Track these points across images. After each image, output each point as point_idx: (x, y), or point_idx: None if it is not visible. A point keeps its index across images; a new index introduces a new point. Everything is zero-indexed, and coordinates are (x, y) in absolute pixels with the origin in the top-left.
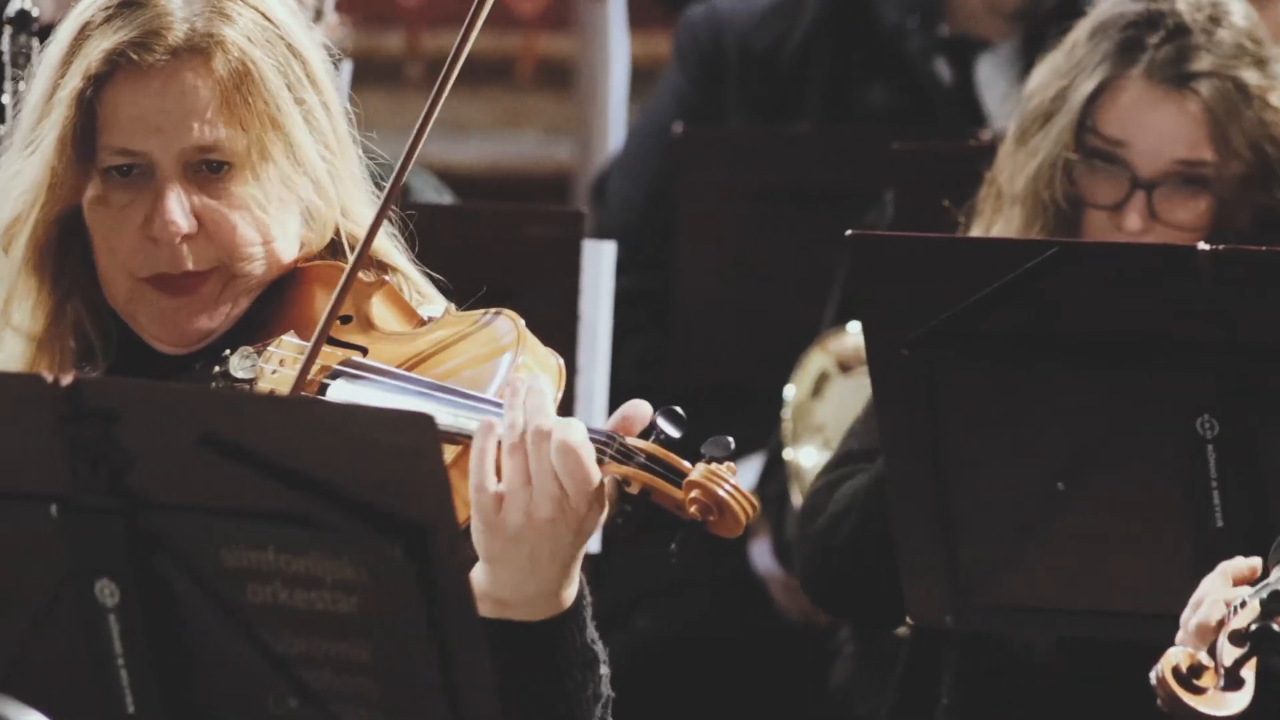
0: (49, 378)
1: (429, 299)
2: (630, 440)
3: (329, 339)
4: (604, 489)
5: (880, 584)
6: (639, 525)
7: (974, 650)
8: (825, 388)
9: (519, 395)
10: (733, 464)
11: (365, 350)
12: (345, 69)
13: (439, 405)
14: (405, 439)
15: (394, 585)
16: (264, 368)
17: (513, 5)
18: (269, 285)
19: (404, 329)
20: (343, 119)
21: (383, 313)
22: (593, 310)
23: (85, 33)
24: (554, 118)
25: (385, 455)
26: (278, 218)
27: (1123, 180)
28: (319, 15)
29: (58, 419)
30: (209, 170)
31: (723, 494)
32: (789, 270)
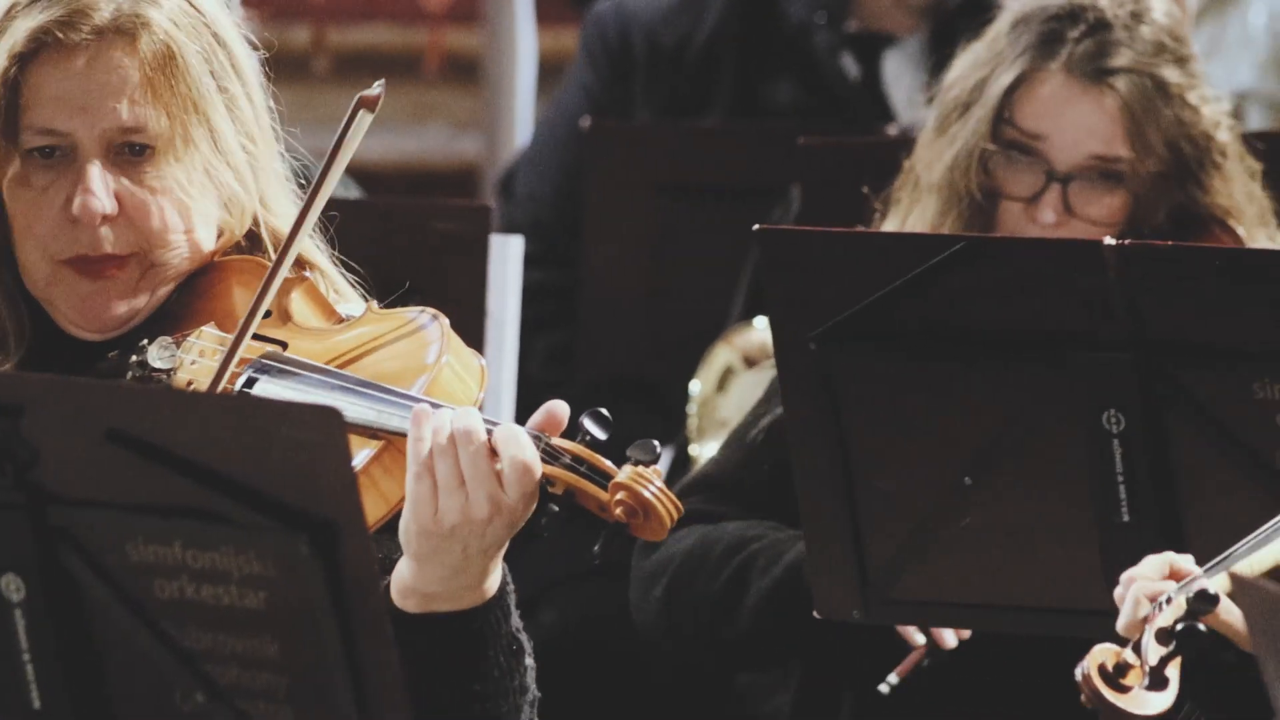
0: None
1: (345, 297)
2: (557, 441)
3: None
4: (537, 486)
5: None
6: (561, 525)
7: (878, 644)
8: (730, 383)
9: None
10: (658, 468)
11: (285, 345)
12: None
13: (364, 401)
14: (311, 433)
15: (301, 580)
16: (183, 358)
17: (421, 0)
18: (189, 276)
19: (323, 325)
20: (266, 113)
21: (302, 309)
22: (500, 305)
23: (12, 13)
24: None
25: (292, 449)
26: (199, 204)
27: (1038, 173)
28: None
29: None
30: (131, 153)
31: (648, 496)
32: (696, 265)
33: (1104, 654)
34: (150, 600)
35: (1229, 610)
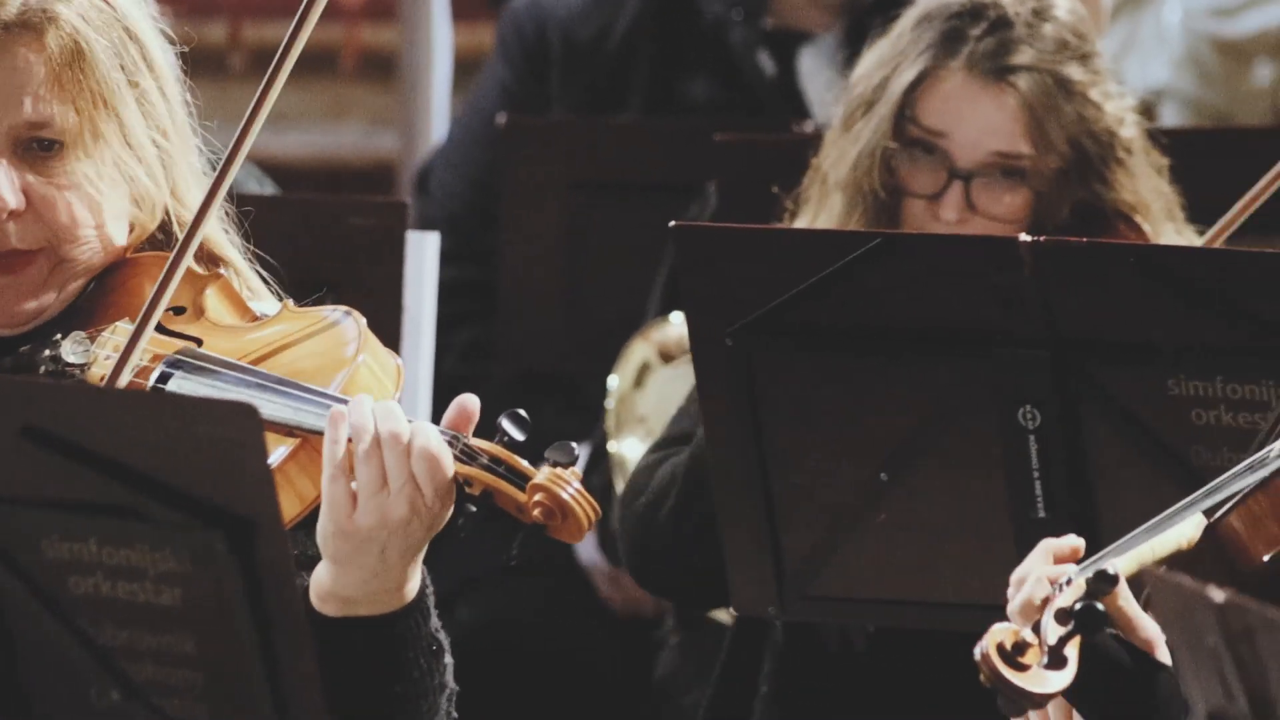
0: None
1: (260, 295)
2: (474, 441)
3: (162, 329)
4: (454, 486)
5: (703, 563)
6: (478, 526)
7: (794, 640)
8: (648, 378)
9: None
10: (576, 469)
11: (200, 342)
12: None
13: (280, 399)
14: (228, 430)
15: (217, 577)
16: (97, 353)
17: None
18: (102, 271)
19: (238, 323)
20: (181, 107)
21: (216, 306)
22: (416, 302)
23: None
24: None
25: (208, 446)
26: (109, 200)
27: (941, 170)
28: None
29: None
30: (40, 148)
31: (566, 498)
32: (613, 261)
33: (1003, 633)
34: (65, 597)
35: (1126, 598)
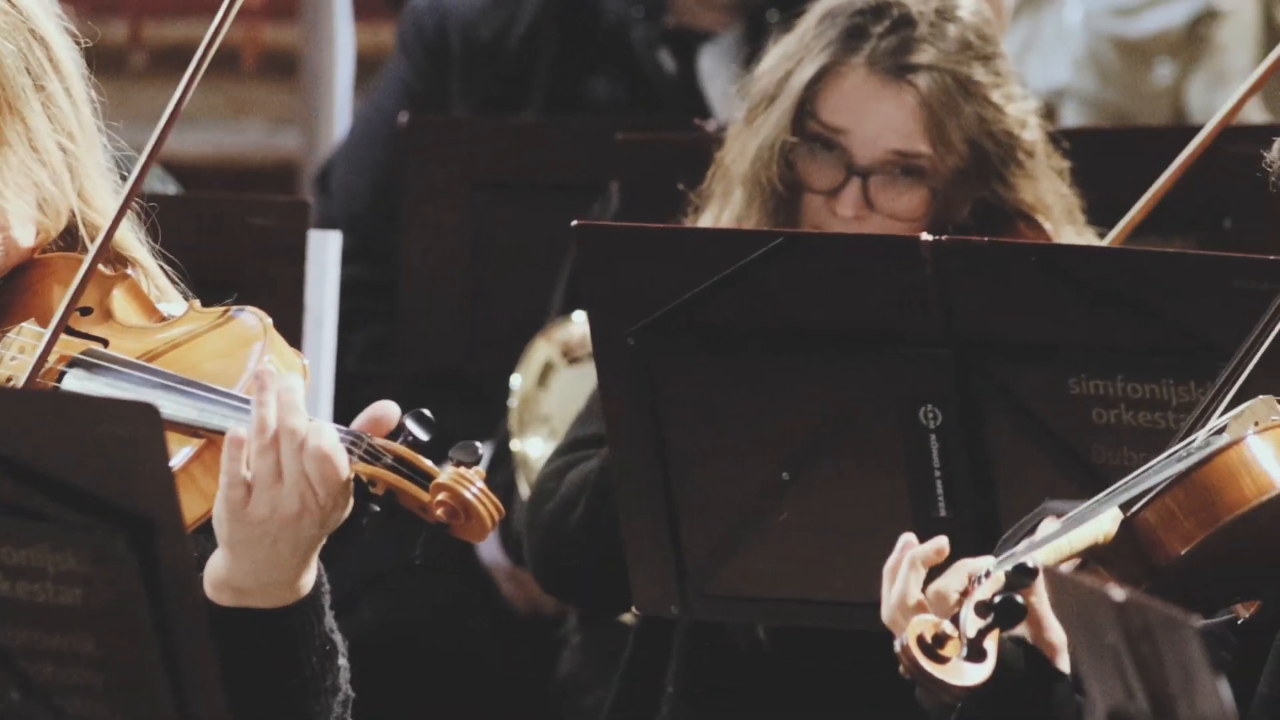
0: None
1: (167, 294)
2: (378, 441)
3: (69, 330)
4: (350, 485)
5: (609, 569)
6: (381, 525)
7: (700, 638)
8: (551, 378)
9: (269, 392)
10: (480, 469)
11: (106, 342)
12: None
13: (185, 399)
14: (128, 429)
15: (117, 577)
16: (3, 354)
17: None
18: (7, 274)
19: (145, 323)
20: (87, 107)
21: (123, 306)
22: (318, 301)
23: None
24: (279, 108)
25: (109, 446)
26: (15, 205)
27: (839, 167)
28: None
29: None
30: None
31: (469, 497)
32: (515, 260)
33: (923, 625)
34: None
35: (1040, 596)
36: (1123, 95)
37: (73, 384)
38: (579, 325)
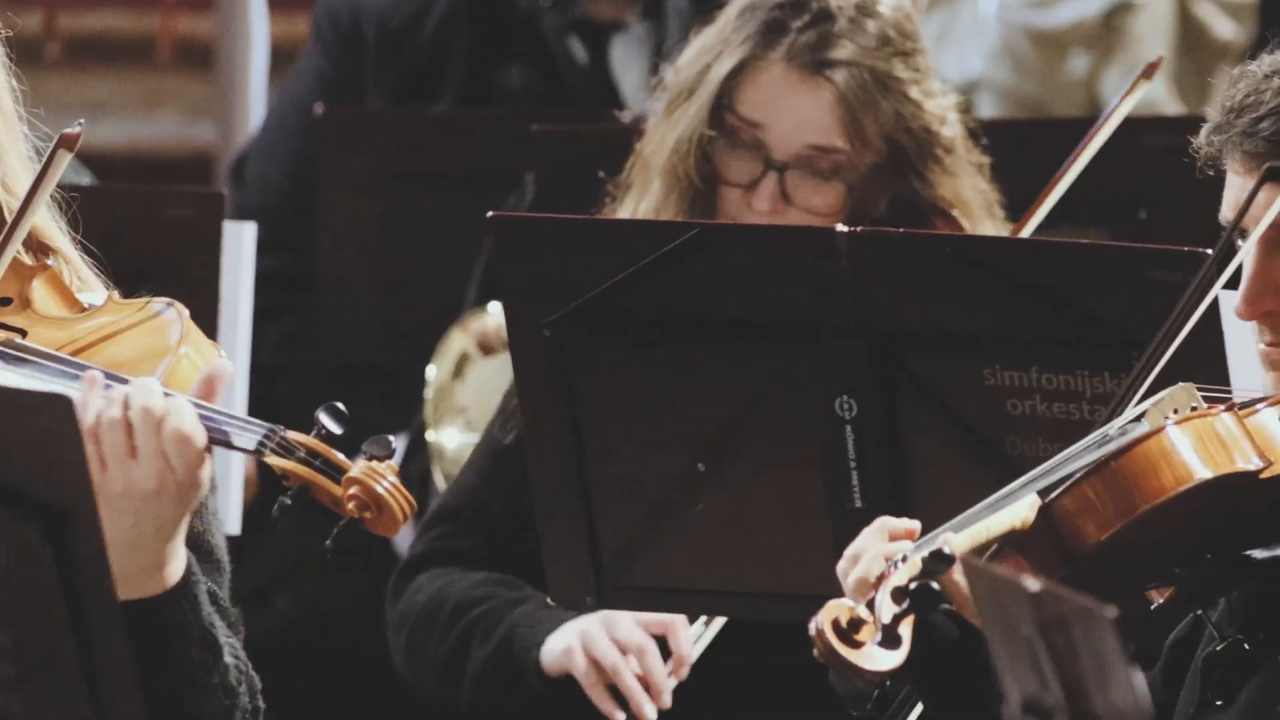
0: None
1: (89, 285)
2: (292, 435)
3: None
4: (210, 465)
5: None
6: (294, 518)
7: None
8: (466, 369)
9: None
10: (393, 463)
11: (24, 333)
12: None
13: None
14: (45, 421)
15: (32, 568)
16: None
17: None
18: None
19: (65, 314)
20: (8, 95)
21: (43, 297)
22: (233, 292)
23: None
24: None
25: (25, 437)
26: None
27: (756, 161)
28: None
29: None
30: None
31: (381, 491)
32: (430, 252)
33: (838, 609)
34: None
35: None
36: (1038, 87)
37: None
38: (495, 316)
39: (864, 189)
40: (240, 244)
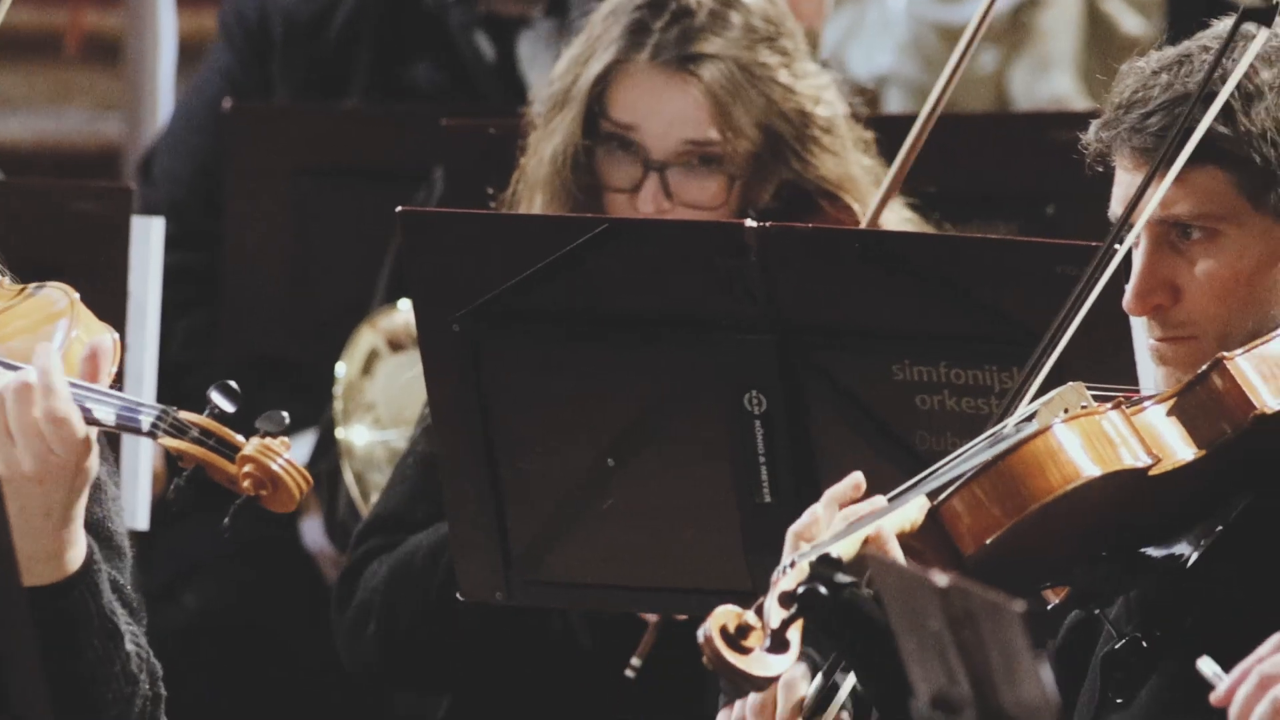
0: None
1: None
2: (184, 415)
3: None
4: (92, 445)
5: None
6: (192, 502)
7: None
8: (376, 365)
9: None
10: (286, 439)
11: None
12: None
13: None
14: None
15: None
16: None
17: None
18: None
19: None
20: None
21: None
22: (141, 287)
23: None
24: (102, 93)
25: None
26: None
27: (636, 163)
28: None
29: None
30: None
31: (276, 468)
32: (339, 247)
33: (726, 615)
34: None
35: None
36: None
37: None
38: (404, 312)
39: (747, 178)
40: (149, 239)
